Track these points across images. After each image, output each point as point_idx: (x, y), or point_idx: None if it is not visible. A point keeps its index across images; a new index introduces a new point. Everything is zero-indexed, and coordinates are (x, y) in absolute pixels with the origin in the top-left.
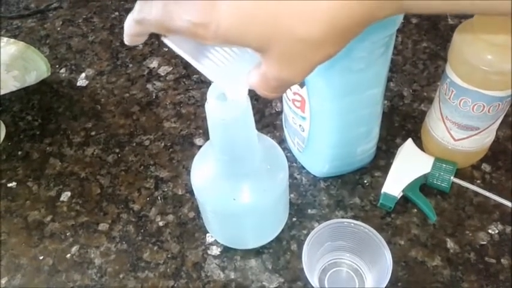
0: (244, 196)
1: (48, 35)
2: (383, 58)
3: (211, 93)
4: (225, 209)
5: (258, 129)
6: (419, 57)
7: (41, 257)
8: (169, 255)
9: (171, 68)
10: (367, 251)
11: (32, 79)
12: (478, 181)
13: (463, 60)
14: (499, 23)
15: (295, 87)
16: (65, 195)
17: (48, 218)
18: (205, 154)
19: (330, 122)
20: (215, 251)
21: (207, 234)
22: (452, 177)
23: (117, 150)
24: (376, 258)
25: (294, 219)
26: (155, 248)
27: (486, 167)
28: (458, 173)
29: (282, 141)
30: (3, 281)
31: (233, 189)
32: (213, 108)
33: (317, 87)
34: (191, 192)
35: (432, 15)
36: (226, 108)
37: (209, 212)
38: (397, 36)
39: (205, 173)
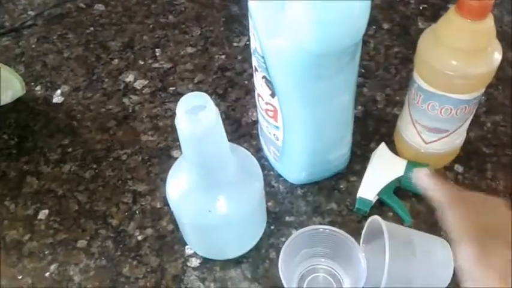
0: (220, 207)
1: (23, 53)
2: (351, 65)
3: (180, 108)
4: (201, 221)
5: (234, 138)
6: (391, 62)
7: (20, 277)
8: (148, 269)
9: (147, 81)
10: (343, 256)
11: (7, 98)
12: (451, 182)
13: (428, 65)
14: (462, 28)
15: (267, 97)
16: (43, 214)
17: (26, 237)
18: (179, 167)
19: (302, 130)
20: (194, 262)
21: (186, 247)
22: None
23: (94, 166)
24: (352, 262)
25: (272, 227)
26: (134, 262)
27: (459, 168)
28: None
29: (258, 150)
30: None
31: (208, 201)
32: (183, 123)
33: (288, 95)
34: (169, 205)
35: None
36: (195, 122)
37: (186, 224)
38: (369, 42)
39: (179, 186)
